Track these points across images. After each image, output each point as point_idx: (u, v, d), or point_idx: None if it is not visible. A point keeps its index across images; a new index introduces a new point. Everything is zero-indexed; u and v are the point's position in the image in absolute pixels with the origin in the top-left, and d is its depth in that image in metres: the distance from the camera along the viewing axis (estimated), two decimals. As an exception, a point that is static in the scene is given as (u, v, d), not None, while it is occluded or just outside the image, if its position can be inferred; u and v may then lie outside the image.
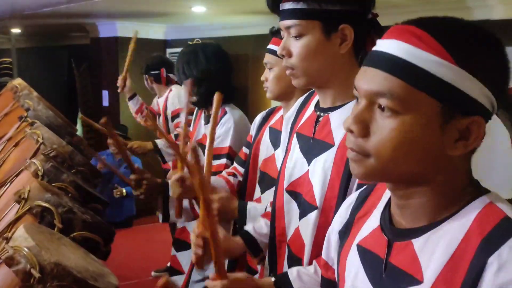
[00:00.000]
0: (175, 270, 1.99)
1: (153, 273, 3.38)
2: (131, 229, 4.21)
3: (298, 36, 0.96)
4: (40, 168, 1.26)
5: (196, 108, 2.03)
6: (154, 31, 4.69)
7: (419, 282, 0.59)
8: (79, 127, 5.75)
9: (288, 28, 0.97)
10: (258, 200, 1.52)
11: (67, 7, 3.46)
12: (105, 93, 4.83)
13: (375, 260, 0.66)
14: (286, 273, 1.00)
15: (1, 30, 5.23)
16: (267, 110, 1.68)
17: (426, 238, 0.61)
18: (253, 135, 1.65)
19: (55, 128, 1.78)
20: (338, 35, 0.95)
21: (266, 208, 1.35)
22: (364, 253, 0.69)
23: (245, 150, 1.68)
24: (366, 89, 0.61)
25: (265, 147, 1.53)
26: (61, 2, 3.45)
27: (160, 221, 1.64)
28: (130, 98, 3.30)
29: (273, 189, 1.42)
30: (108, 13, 3.98)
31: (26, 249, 0.84)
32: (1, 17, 4.29)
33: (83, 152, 1.73)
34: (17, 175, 1.31)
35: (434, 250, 0.59)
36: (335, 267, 0.77)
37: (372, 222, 0.70)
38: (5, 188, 1.29)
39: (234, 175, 1.67)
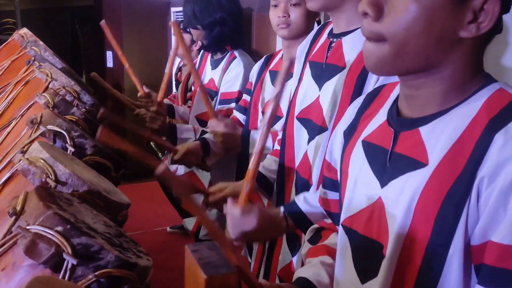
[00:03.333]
0: (185, 211, 2.05)
1: (168, 229, 3.47)
2: (139, 184, 4.25)
3: None
4: (50, 100, 1.28)
5: (201, 53, 2.03)
6: (158, -10, 4.63)
7: (424, 165, 0.60)
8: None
9: None
10: None
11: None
12: (109, 54, 4.81)
13: (380, 152, 0.67)
14: (293, 200, 1.03)
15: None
16: (264, 56, 1.67)
17: (434, 124, 0.62)
18: (253, 82, 1.65)
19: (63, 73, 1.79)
20: None
21: (273, 146, 1.37)
22: (369, 147, 0.70)
23: (245, 97, 1.69)
24: None
25: (267, 90, 1.54)
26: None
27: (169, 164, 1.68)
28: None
29: (277, 125, 1.45)
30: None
31: (41, 160, 0.87)
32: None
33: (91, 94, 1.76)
34: (29, 108, 1.33)
35: (440, 135, 0.60)
36: (338, 167, 0.79)
37: (379, 118, 0.71)
38: (16, 121, 1.32)
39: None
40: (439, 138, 0.60)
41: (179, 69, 3.02)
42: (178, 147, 1.57)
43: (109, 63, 4.86)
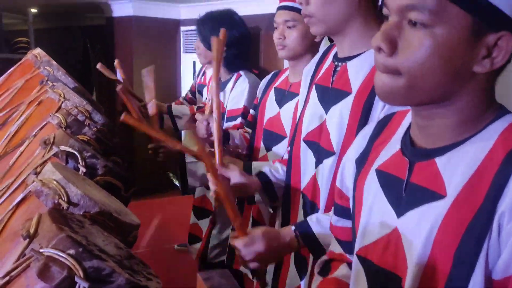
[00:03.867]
0: (195, 236, 2.04)
1: (176, 247, 3.45)
2: (148, 201, 4.27)
3: None
4: (63, 121, 1.31)
5: (209, 76, 2.06)
6: (168, 10, 4.72)
7: (442, 196, 0.60)
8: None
9: None
10: (264, 159, 1.55)
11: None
12: (119, 73, 4.87)
13: (395, 181, 0.67)
14: (305, 220, 1.04)
15: (19, 10, 5.30)
16: (272, 72, 1.69)
17: (449, 155, 0.62)
18: (259, 98, 1.67)
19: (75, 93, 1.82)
20: None
21: (283, 156, 1.38)
22: (383, 177, 0.70)
23: (252, 112, 1.71)
24: (398, 3, 0.61)
25: (270, 107, 1.56)
26: (77, -22, 3.48)
27: (181, 193, 1.69)
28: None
29: (280, 145, 1.46)
30: (123, -9, 4.01)
31: (54, 181, 0.88)
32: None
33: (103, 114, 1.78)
34: (41, 128, 1.36)
35: (457, 166, 0.60)
36: (350, 194, 0.79)
37: (392, 147, 0.71)
38: (29, 141, 1.34)
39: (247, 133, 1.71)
40: (456, 169, 0.60)
41: (203, 73, 2.99)
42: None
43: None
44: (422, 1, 0.58)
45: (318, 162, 1.05)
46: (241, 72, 1.87)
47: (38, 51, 2.28)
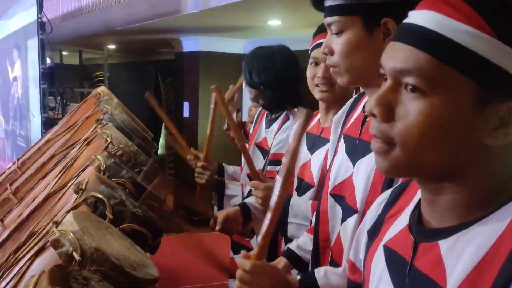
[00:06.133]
0: (232, 271, 2.00)
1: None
2: (188, 235, 4.29)
3: (339, 33, 0.92)
4: (102, 163, 1.34)
5: (258, 110, 2.04)
6: (233, 45, 4.85)
7: None
8: (162, 137, 6.09)
9: (329, 25, 0.94)
10: None
11: (152, 22, 3.70)
12: (186, 105, 5.07)
13: (400, 262, 0.60)
14: (313, 272, 0.97)
15: (98, 46, 5.76)
16: None
17: (454, 240, 0.53)
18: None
19: (128, 131, 1.88)
20: (381, 29, 0.89)
21: (311, 222, 1.29)
22: (390, 254, 0.63)
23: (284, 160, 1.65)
24: (391, 66, 0.55)
25: (302, 153, 1.48)
26: (147, 18, 3.70)
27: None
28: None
29: (307, 194, 1.37)
30: (191, 28, 4.20)
31: (71, 234, 0.89)
32: (97, 34, 4.72)
33: (151, 154, 1.82)
34: (83, 170, 1.41)
35: (461, 254, 0.52)
36: (362, 269, 0.72)
37: (401, 221, 0.64)
38: (72, 181, 1.39)
39: None
40: (459, 257, 0.52)
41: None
42: (217, 214, 1.54)
43: (186, 113, 5.12)
44: (418, 65, 0.51)
45: (344, 219, 0.97)
46: (290, 116, 1.81)
47: (101, 88, 2.41)
